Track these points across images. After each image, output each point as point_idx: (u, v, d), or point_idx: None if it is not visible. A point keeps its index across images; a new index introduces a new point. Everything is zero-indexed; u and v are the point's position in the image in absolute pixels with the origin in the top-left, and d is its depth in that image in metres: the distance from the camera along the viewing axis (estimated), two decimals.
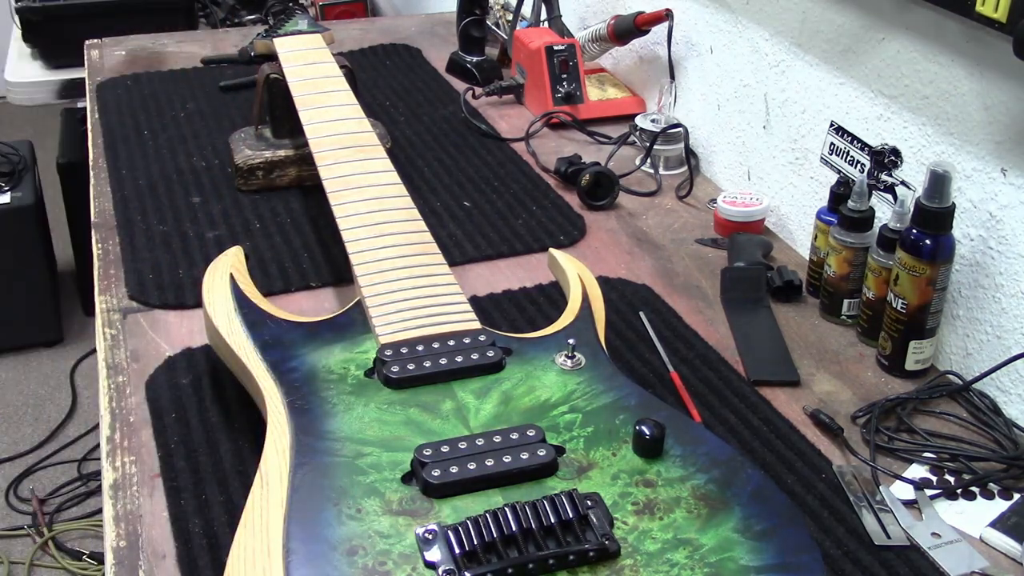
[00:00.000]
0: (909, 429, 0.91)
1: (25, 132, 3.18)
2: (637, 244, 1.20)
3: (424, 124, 1.50)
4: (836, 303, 1.05)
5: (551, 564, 0.65)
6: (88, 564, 2.05)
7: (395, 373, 0.79)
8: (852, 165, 1.09)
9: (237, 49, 1.72)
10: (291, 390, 0.79)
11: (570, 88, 1.48)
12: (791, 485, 0.84)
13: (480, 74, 1.63)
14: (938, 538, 0.80)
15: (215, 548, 0.76)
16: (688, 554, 0.66)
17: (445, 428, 0.76)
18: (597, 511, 0.68)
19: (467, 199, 1.28)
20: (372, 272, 0.89)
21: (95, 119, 1.49)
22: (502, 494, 0.70)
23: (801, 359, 1.01)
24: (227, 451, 0.85)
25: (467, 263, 1.15)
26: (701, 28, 1.38)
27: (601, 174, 1.27)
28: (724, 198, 1.23)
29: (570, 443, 0.75)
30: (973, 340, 0.98)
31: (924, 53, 0.99)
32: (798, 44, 1.17)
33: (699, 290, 1.12)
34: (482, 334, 0.84)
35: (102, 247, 1.17)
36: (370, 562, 0.64)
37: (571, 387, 0.80)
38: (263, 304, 0.89)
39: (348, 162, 1.03)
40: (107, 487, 0.83)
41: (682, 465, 0.73)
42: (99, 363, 0.98)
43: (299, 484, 0.70)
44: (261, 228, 1.19)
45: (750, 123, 1.29)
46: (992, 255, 0.94)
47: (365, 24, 1.99)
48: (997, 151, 0.92)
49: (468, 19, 1.64)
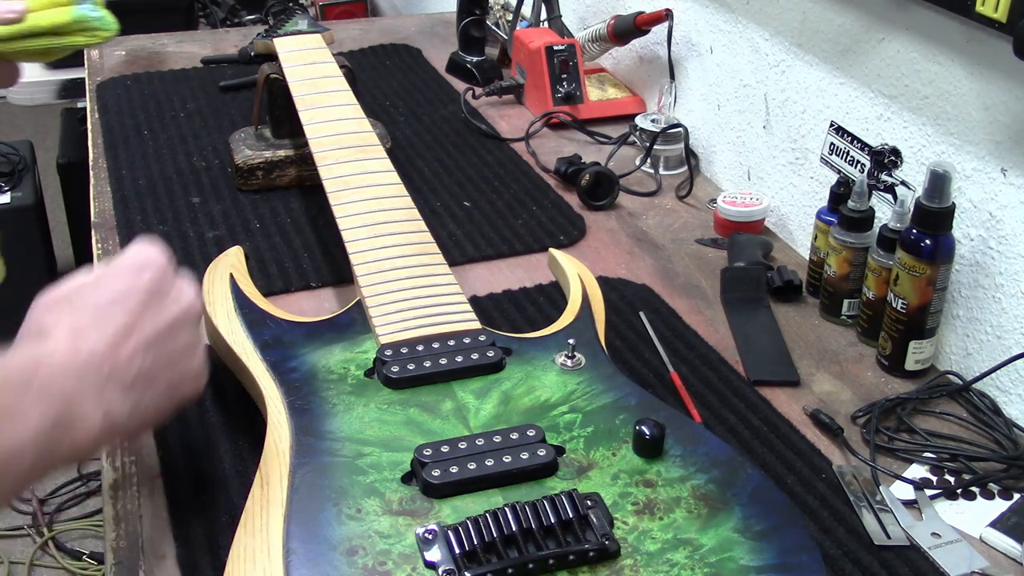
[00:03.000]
0: (909, 429, 0.91)
1: (25, 132, 3.18)
2: (637, 244, 1.20)
3: (424, 124, 1.50)
4: (836, 303, 1.05)
5: (551, 564, 0.65)
6: (88, 564, 2.05)
7: (395, 373, 0.79)
8: (852, 165, 1.09)
9: (237, 49, 1.72)
10: (291, 390, 0.79)
11: (570, 88, 1.48)
12: (791, 485, 0.84)
13: (480, 74, 1.63)
14: (938, 538, 0.80)
15: (215, 548, 0.76)
16: (688, 554, 0.66)
17: (445, 428, 0.76)
18: (597, 511, 0.68)
19: (467, 199, 1.28)
20: (372, 272, 0.89)
21: (95, 119, 1.49)
22: (502, 494, 0.70)
23: (801, 359, 1.01)
24: (227, 451, 0.85)
25: (467, 263, 1.15)
26: (701, 28, 1.38)
27: (601, 174, 1.27)
28: (724, 198, 1.23)
29: (570, 443, 0.75)
30: (973, 340, 0.98)
31: (924, 53, 0.99)
32: (798, 44, 1.17)
33: (699, 290, 1.12)
34: (482, 334, 0.84)
35: (102, 247, 1.17)
36: (370, 562, 0.64)
37: (571, 387, 0.80)
38: (263, 304, 0.89)
39: (348, 162, 1.03)
40: (107, 487, 0.83)
41: (682, 465, 0.73)
42: None
43: (299, 484, 0.70)
44: (261, 228, 1.19)
45: (750, 123, 1.29)
46: (992, 255, 0.94)
47: (365, 24, 1.99)
48: (997, 151, 0.92)
49: (468, 19, 1.64)
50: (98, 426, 0.63)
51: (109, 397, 0.64)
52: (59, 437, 0.61)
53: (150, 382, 0.67)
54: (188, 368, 0.70)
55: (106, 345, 0.65)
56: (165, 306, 0.69)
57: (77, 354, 0.64)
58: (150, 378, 0.67)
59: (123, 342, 0.66)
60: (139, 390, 0.66)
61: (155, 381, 0.67)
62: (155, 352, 0.67)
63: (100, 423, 0.63)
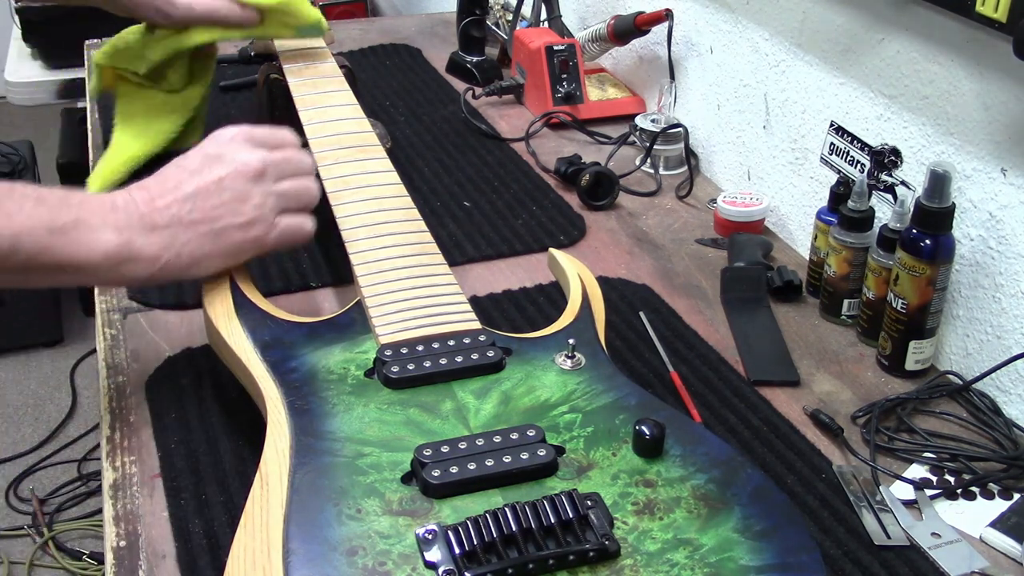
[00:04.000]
0: (909, 429, 0.91)
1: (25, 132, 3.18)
2: (637, 244, 1.20)
3: (424, 124, 1.50)
4: (836, 303, 1.05)
5: (551, 564, 0.65)
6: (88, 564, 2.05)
7: (395, 373, 0.79)
8: (852, 165, 1.09)
9: (237, 49, 1.72)
10: (291, 390, 0.79)
11: (570, 88, 1.48)
12: (791, 485, 0.84)
13: (480, 74, 1.63)
14: (938, 538, 0.80)
15: (215, 548, 0.76)
16: (688, 554, 0.66)
17: (445, 428, 0.76)
18: (597, 511, 0.68)
19: (467, 199, 1.28)
20: (372, 272, 0.89)
21: (95, 119, 1.49)
22: (502, 494, 0.70)
23: (801, 359, 1.01)
24: (227, 451, 0.85)
25: (467, 263, 1.15)
26: (701, 28, 1.38)
27: (601, 174, 1.27)
28: (724, 198, 1.23)
29: (570, 443, 0.75)
30: (973, 340, 0.98)
31: (924, 53, 0.99)
32: (798, 44, 1.17)
33: (699, 290, 1.12)
34: (482, 334, 0.84)
35: None
36: (370, 562, 0.64)
37: (571, 387, 0.80)
38: (263, 304, 0.89)
39: (348, 162, 1.03)
40: (107, 487, 0.83)
41: (682, 465, 0.73)
42: (99, 363, 0.98)
43: (299, 484, 0.70)
44: None
45: (750, 123, 1.29)
46: (992, 255, 0.94)
47: (365, 24, 1.99)
48: (997, 151, 0.92)
49: (468, 19, 1.64)
50: (113, 247, 0.80)
51: (129, 235, 0.80)
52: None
53: (185, 227, 0.83)
54: (232, 219, 0.84)
55: (149, 195, 0.83)
56: (215, 167, 0.85)
57: (130, 201, 0.82)
58: (185, 224, 0.83)
59: (164, 195, 0.83)
60: (170, 233, 0.82)
61: (192, 226, 0.83)
62: (193, 204, 0.83)
63: (120, 250, 0.80)
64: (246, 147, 0.88)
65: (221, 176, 0.85)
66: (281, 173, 0.89)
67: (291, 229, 0.89)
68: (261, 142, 0.89)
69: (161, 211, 0.82)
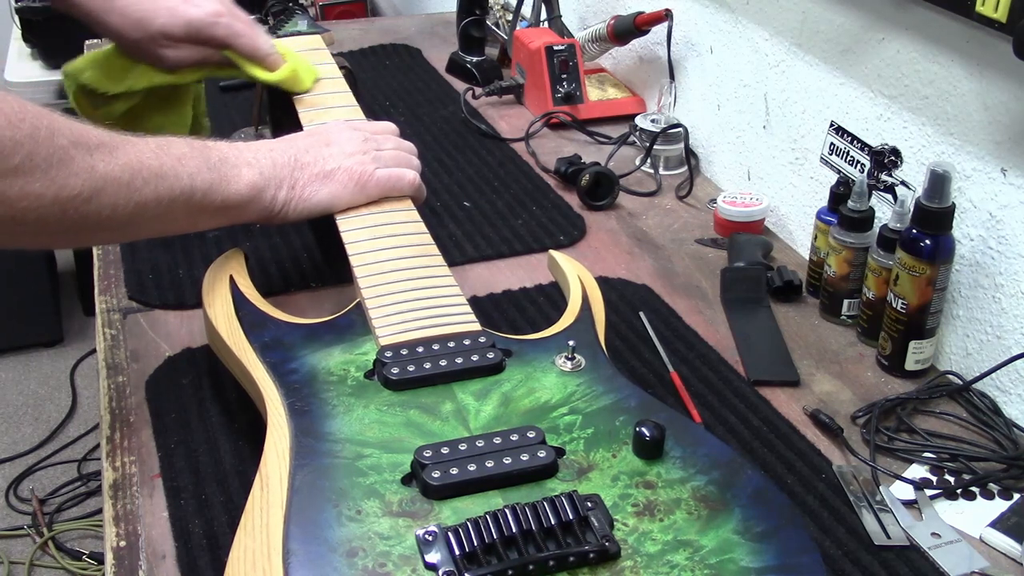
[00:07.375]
0: (909, 429, 0.91)
1: None
2: (637, 244, 1.20)
3: (424, 124, 1.50)
4: (836, 303, 1.05)
5: (551, 565, 0.65)
6: (88, 564, 2.05)
7: (395, 375, 0.79)
8: (852, 165, 1.09)
9: None
10: (291, 392, 0.79)
11: (570, 88, 1.48)
12: (791, 485, 0.84)
13: (480, 74, 1.63)
14: (938, 538, 0.80)
15: (215, 548, 0.76)
16: (688, 555, 0.66)
17: (445, 430, 0.76)
18: (597, 512, 0.68)
19: (467, 199, 1.28)
20: (372, 273, 0.89)
21: None
22: (502, 495, 0.70)
23: (801, 359, 1.01)
24: (227, 451, 0.85)
25: (467, 263, 1.15)
26: (701, 28, 1.38)
27: (601, 174, 1.27)
28: (724, 198, 1.23)
29: (570, 444, 0.75)
30: (973, 340, 0.98)
31: (924, 53, 0.99)
32: (798, 44, 1.17)
33: (699, 290, 1.12)
34: (482, 335, 0.84)
35: (102, 247, 1.17)
36: (370, 563, 0.64)
37: (571, 388, 0.80)
38: (263, 305, 0.89)
39: None
40: (107, 487, 0.83)
41: (682, 466, 0.73)
42: (99, 363, 0.98)
43: (299, 486, 0.70)
44: (261, 228, 1.19)
45: (750, 123, 1.29)
46: (992, 255, 0.94)
47: (365, 24, 1.99)
48: (997, 151, 0.92)
49: (468, 19, 1.64)
50: (255, 177, 0.91)
51: (259, 168, 0.91)
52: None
53: (301, 167, 0.94)
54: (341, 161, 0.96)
55: (267, 144, 0.95)
56: (321, 135, 0.99)
57: (252, 144, 0.94)
58: (302, 164, 0.94)
59: (280, 142, 0.96)
60: (289, 169, 0.93)
61: (305, 167, 0.94)
62: (307, 148, 0.96)
63: (258, 180, 0.91)
64: (348, 129, 1.01)
65: (328, 140, 0.98)
66: (382, 144, 1.00)
67: (395, 174, 0.98)
68: (362, 128, 1.02)
69: (280, 151, 0.94)
